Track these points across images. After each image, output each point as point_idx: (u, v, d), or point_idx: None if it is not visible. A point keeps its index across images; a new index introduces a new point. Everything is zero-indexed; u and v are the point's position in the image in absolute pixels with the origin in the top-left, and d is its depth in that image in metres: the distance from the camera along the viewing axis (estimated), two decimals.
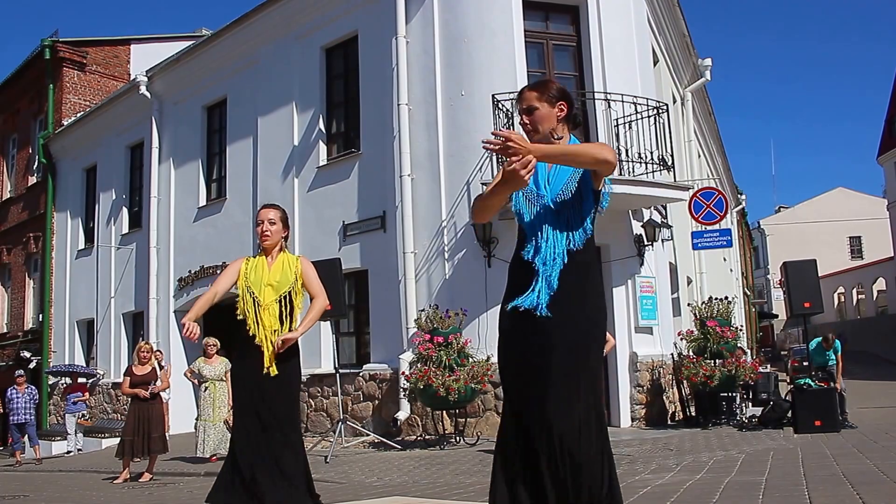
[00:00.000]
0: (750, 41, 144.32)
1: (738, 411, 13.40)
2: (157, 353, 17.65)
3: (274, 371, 5.36)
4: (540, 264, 3.52)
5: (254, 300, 5.50)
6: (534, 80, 3.88)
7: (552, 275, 3.48)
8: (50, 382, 23.07)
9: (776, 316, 56.04)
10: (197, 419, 12.76)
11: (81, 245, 23.27)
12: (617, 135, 12.84)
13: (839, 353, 15.43)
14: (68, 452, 18.18)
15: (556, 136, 3.64)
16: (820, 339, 15.99)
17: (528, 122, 3.67)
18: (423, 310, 12.72)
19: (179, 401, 17.53)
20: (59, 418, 21.36)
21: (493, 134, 3.33)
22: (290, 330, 5.49)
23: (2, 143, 28.51)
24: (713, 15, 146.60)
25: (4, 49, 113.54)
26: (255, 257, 5.72)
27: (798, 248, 47.95)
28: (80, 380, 20.17)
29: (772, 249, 61.75)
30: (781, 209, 68.71)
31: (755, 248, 60.89)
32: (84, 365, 21.79)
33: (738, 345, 13.46)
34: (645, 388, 13.27)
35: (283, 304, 5.50)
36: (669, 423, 13.54)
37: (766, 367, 17.38)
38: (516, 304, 3.53)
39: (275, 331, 5.42)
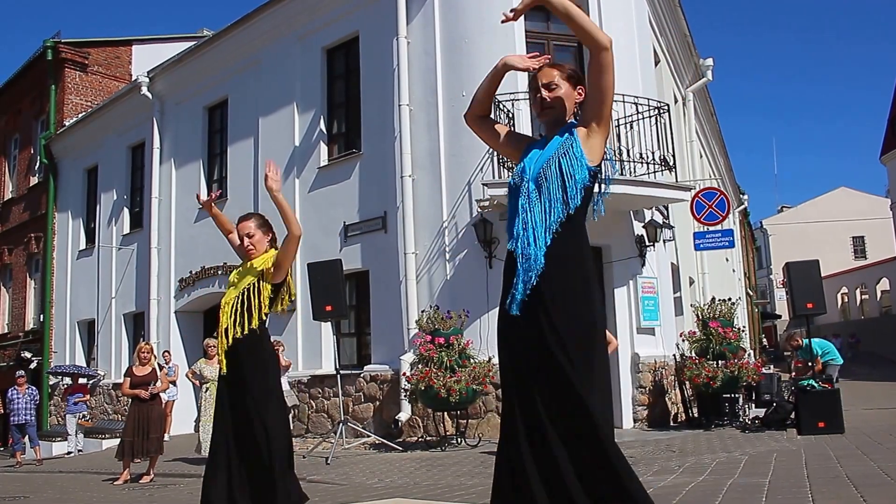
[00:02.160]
0: (752, 40, 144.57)
1: (740, 413, 13.35)
2: (166, 353, 17.69)
3: (223, 370, 5.20)
4: (518, 257, 3.35)
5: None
6: (551, 62, 3.70)
7: (531, 271, 3.30)
8: (51, 383, 23.09)
9: (779, 316, 55.98)
10: (198, 420, 12.76)
11: (82, 245, 23.31)
12: (618, 135, 12.81)
13: (816, 356, 14.77)
14: (69, 453, 18.17)
15: (573, 120, 3.55)
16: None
17: (548, 96, 3.53)
18: (424, 311, 12.71)
19: (182, 402, 17.55)
20: (60, 419, 21.35)
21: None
22: (245, 327, 5.19)
23: (3, 144, 28.57)
24: (715, 14, 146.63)
25: (6, 50, 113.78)
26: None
27: (801, 249, 47.78)
28: (81, 380, 20.16)
29: (774, 250, 61.63)
30: (784, 209, 68.58)
31: (757, 249, 60.82)
32: (85, 366, 21.80)
33: (741, 345, 13.42)
34: (647, 389, 13.24)
35: (239, 299, 5.26)
36: (672, 424, 13.51)
37: (769, 368, 17.28)
38: (506, 308, 3.37)
39: (225, 329, 5.20)
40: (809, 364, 13.44)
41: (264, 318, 5.29)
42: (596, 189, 3.51)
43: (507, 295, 3.38)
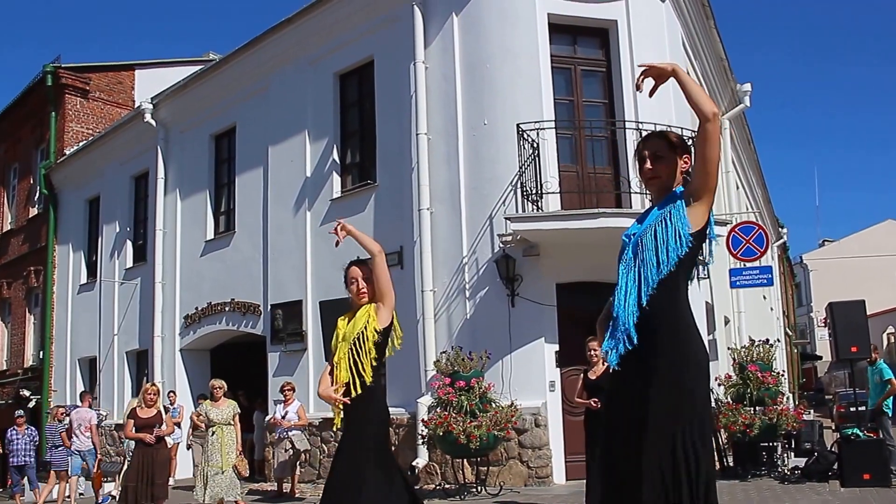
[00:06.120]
0: (792, 64, 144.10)
1: (779, 462, 13.23)
2: (171, 394, 17.70)
3: (338, 423, 5.49)
4: (616, 315, 3.71)
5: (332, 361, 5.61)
6: (656, 131, 4.27)
7: (629, 327, 3.63)
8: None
9: (820, 357, 55.36)
10: (204, 464, 12.73)
11: (84, 279, 23.47)
12: None
13: (882, 376, 13.83)
14: (68, 497, 18.15)
15: (676, 189, 3.81)
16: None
17: (653, 167, 3.82)
18: (444, 351, 12.68)
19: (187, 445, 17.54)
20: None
21: None
22: (361, 378, 5.44)
23: (2, 173, 28.91)
24: (752, 36, 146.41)
25: (5, 75, 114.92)
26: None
27: (844, 285, 47.46)
28: None
29: (815, 286, 61.08)
30: (826, 243, 68.08)
31: (797, 285, 60.36)
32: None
33: (780, 390, 13.29)
34: None
35: (352, 352, 5.49)
36: None
37: (810, 414, 17.10)
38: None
39: (346, 384, 5.45)
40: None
41: (372, 367, 5.49)
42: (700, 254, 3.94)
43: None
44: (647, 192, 4.03)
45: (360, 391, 5.39)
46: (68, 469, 15.86)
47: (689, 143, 3.99)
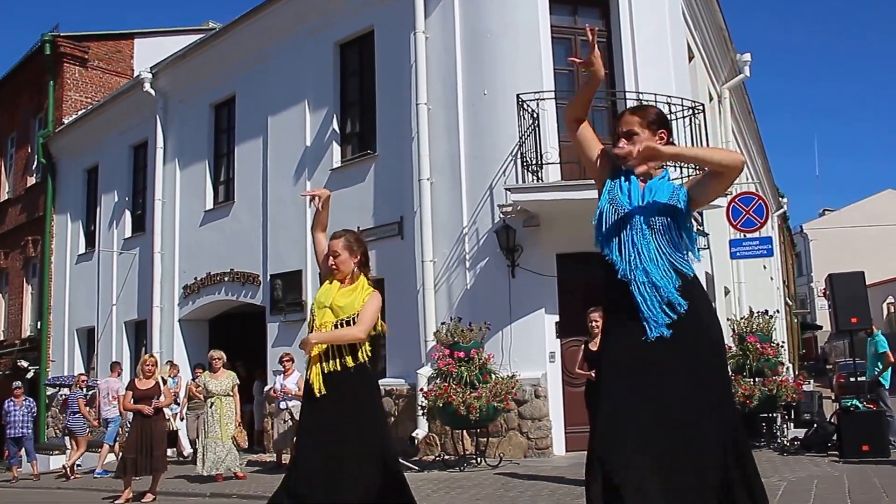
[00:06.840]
0: (792, 32, 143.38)
1: (778, 433, 13.28)
2: (174, 367, 17.69)
3: (322, 390, 5.13)
4: (647, 286, 3.67)
5: (313, 321, 5.35)
6: (635, 105, 4.27)
7: (671, 295, 3.64)
8: (48, 394, 23.18)
9: (820, 327, 55.46)
10: (202, 436, 12.79)
11: (82, 249, 23.45)
12: None
13: (877, 349, 14.00)
14: (79, 465, 18.22)
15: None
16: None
17: (625, 145, 3.82)
18: (443, 322, 12.69)
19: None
20: (58, 431, 21.45)
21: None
22: (342, 357, 5.21)
23: (0, 142, 28.73)
24: (753, 5, 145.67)
25: (3, 44, 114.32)
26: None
27: (844, 255, 47.45)
28: None
29: (816, 256, 61.10)
30: (826, 212, 68.08)
31: (797, 255, 60.34)
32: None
33: (780, 361, 13.31)
34: None
35: (338, 327, 5.27)
36: None
37: (810, 385, 17.13)
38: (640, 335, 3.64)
39: (324, 352, 5.22)
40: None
41: (368, 354, 5.36)
42: None
43: (625, 319, 3.70)
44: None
45: (354, 364, 5.19)
46: (82, 436, 16.52)
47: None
